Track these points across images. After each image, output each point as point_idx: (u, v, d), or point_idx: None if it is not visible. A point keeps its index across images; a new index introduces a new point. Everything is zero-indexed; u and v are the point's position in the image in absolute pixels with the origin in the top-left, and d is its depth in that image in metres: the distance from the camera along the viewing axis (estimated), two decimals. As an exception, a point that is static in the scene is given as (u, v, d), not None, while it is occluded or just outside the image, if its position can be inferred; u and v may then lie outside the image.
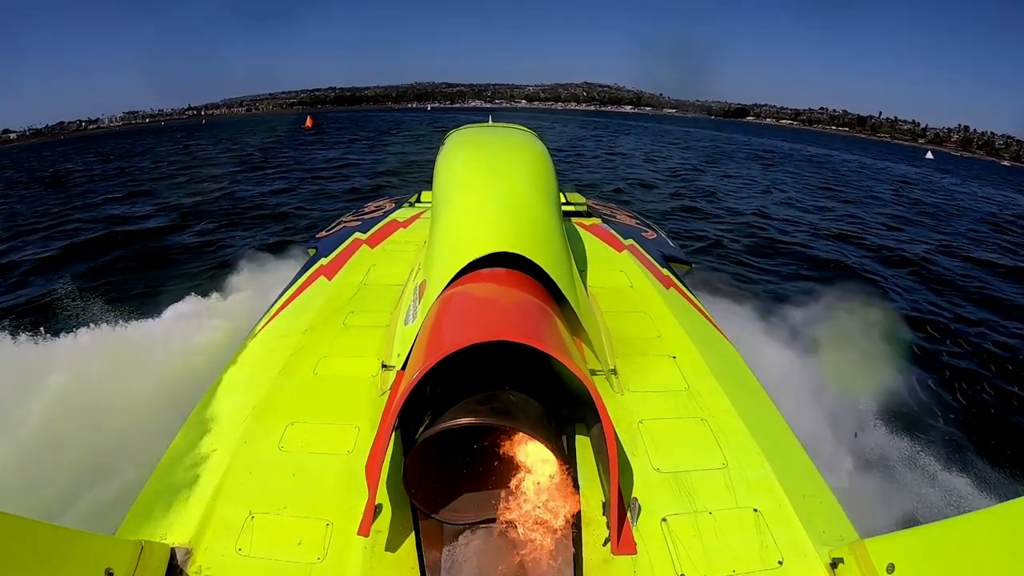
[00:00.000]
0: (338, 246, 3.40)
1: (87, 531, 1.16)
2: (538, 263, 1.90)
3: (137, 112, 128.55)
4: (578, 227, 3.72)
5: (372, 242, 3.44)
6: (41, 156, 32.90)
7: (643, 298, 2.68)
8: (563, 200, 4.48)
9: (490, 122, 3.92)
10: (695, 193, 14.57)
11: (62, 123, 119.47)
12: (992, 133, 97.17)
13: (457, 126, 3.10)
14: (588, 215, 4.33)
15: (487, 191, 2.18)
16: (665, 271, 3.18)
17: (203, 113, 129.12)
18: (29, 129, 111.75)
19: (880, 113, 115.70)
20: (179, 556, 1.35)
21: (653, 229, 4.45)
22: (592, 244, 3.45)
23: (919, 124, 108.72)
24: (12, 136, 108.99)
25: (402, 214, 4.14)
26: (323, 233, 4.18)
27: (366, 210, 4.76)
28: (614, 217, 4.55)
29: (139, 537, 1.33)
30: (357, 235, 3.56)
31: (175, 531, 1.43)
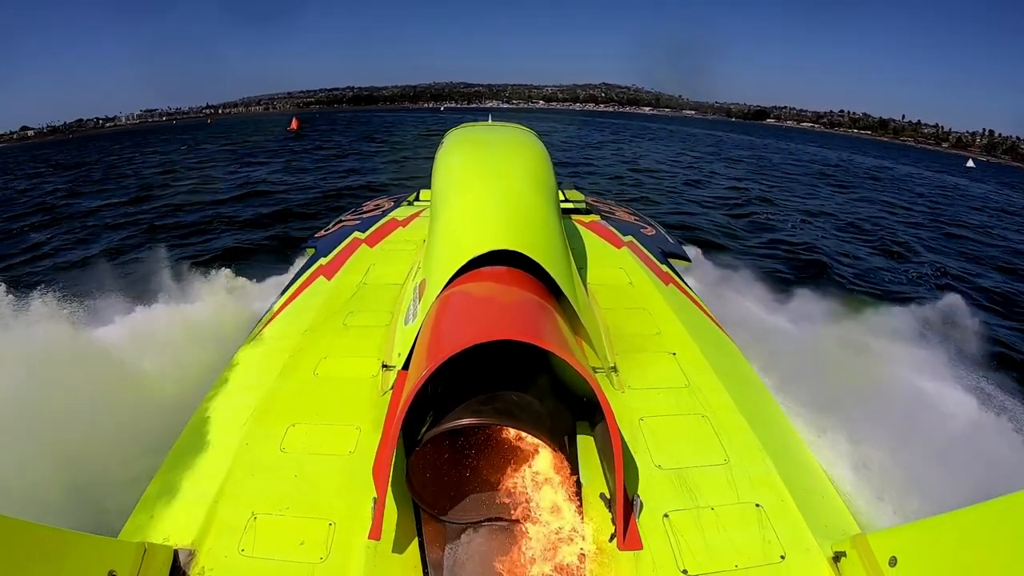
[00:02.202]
0: (337, 245, 3.36)
1: (90, 533, 1.16)
2: (537, 261, 1.87)
3: (155, 111, 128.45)
4: (577, 224, 3.65)
5: (371, 241, 3.40)
6: (17, 161, 29.63)
7: (642, 295, 2.64)
8: (562, 197, 4.33)
9: (489, 121, 3.72)
10: (787, 260, 8.54)
11: (80, 120, 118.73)
12: (1017, 137, 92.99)
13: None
14: (587, 212, 4.24)
15: (486, 189, 2.14)
16: (664, 267, 3.15)
17: (217, 112, 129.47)
18: (47, 126, 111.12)
19: (903, 116, 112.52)
20: (182, 558, 1.35)
21: (652, 226, 4.34)
22: (591, 241, 3.38)
23: (942, 128, 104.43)
24: (29, 133, 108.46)
25: (401, 213, 4.08)
26: (322, 233, 4.12)
27: (365, 209, 4.66)
28: (613, 214, 4.46)
29: (142, 539, 1.33)
30: (356, 234, 3.51)
31: (178, 533, 1.43)
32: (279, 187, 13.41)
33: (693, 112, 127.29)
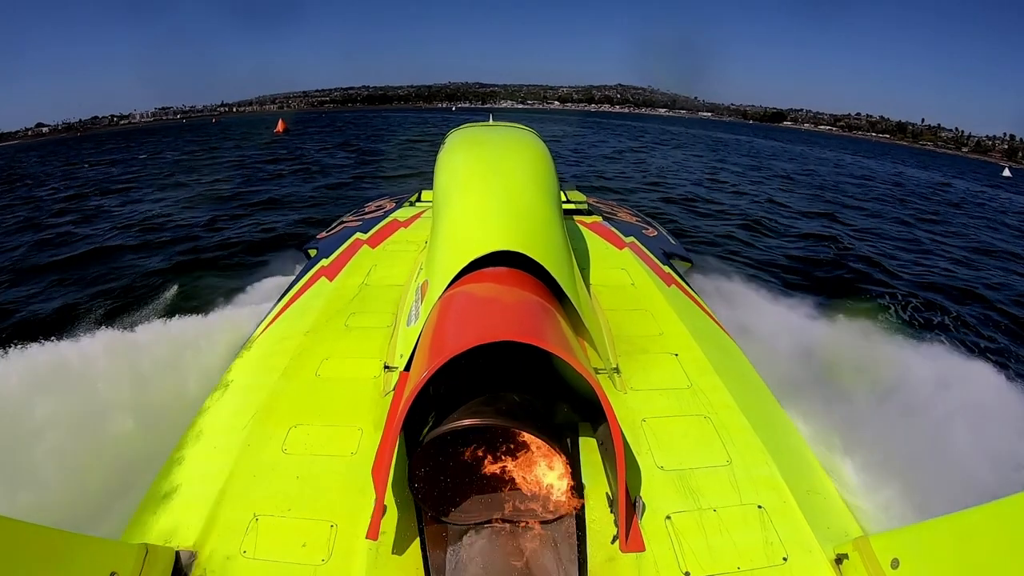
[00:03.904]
0: (339, 247, 3.38)
1: (91, 535, 1.16)
2: (539, 262, 1.88)
3: (169, 108, 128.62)
4: (579, 225, 3.69)
5: (373, 242, 3.41)
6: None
7: (645, 296, 2.64)
8: (564, 198, 4.34)
9: (491, 121, 3.73)
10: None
11: (95, 117, 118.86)
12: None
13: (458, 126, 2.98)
14: (589, 213, 4.24)
15: (488, 190, 2.15)
16: (666, 268, 3.13)
17: (231, 110, 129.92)
18: (62, 123, 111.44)
19: (923, 120, 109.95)
20: (183, 559, 1.35)
21: (654, 227, 4.34)
22: (593, 242, 3.39)
23: (962, 132, 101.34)
24: (44, 130, 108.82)
25: (403, 213, 4.10)
26: (324, 234, 4.12)
27: (366, 210, 4.69)
28: (615, 215, 4.48)
29: (143, 540, 1.33)
30: (358, 235, 3.52)
31: (179, 534, 1.43)
32: (144, 237, 8.81)
33: (709, 114, 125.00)
